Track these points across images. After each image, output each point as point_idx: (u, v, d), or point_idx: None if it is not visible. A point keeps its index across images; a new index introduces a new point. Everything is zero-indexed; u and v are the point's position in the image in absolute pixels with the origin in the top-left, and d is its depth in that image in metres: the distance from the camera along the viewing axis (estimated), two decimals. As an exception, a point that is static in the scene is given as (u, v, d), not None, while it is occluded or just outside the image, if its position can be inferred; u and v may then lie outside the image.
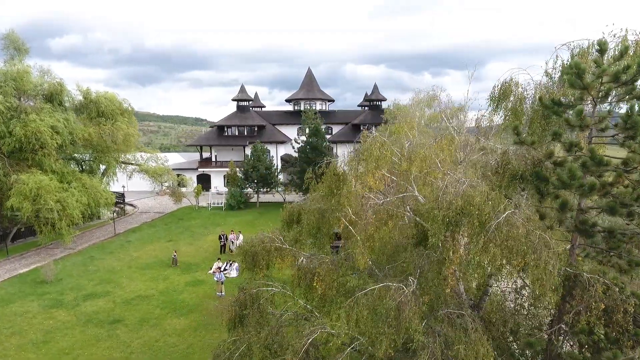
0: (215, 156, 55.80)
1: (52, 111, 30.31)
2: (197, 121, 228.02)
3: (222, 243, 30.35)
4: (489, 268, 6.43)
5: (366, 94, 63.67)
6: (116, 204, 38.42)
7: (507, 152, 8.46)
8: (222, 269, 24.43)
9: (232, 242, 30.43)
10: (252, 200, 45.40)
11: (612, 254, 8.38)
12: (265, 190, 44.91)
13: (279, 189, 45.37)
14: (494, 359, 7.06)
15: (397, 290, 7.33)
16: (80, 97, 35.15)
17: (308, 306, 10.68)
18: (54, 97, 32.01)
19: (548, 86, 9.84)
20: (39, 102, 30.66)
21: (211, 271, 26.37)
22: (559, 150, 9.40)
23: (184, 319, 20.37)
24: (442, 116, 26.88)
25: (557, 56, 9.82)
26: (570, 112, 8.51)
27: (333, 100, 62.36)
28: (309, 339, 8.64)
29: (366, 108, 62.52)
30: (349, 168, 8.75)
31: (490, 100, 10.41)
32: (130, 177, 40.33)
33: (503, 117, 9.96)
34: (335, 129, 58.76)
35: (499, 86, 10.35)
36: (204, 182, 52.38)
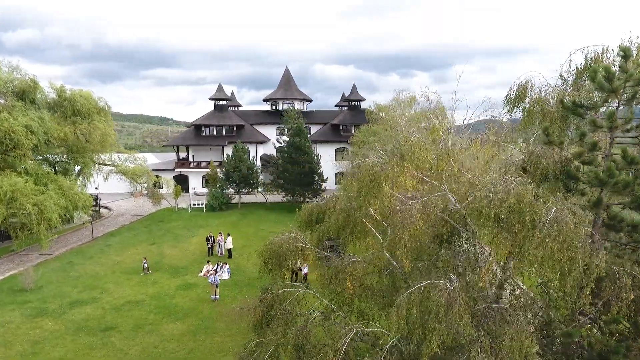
0: (193, 156, 54.59)
1: (24, 109, 28.70)
2: (163, 120, 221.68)
3: (209, 245, 29.77)
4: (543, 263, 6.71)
5: (343, 95, 64.18)
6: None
7: (535, 152, 8.86)
8: (216, 272, 23.92)
9: (220, 244, 29.88)
10: (234, 201, 44.74)
11: (628, 247, 8.95)
12: (246, 190, 44.38)
13: (261, 190, 44.94)
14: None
15: (445, 287, 7.52)
16: (54, 95, 33.50)
17: (332, 306, 10.70)
18: (26, 94, 30.34)
19: (562, 89, 10.33)
20: (10, 100, 28.94)
21: (201, 274, 25.84)
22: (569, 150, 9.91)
23: (180, 323, 19.84)
24: (430, 116, 27.52)
25: (570, 60, 10.33)
26: (590, 113, 9.00)
27: (311, 100, 62.39)
28: (347, 339, 8.69)
29: (344, 108, 63.01)
30: (388, 168, 8.83)
31: (507, 101, 10.81)
32: (106, 178, 38.76)
33: (522, 118, 10.38)
34: (314, 128, 58.77)
35: (515, 88, 10.75)
36: (181, 183, 51.04)
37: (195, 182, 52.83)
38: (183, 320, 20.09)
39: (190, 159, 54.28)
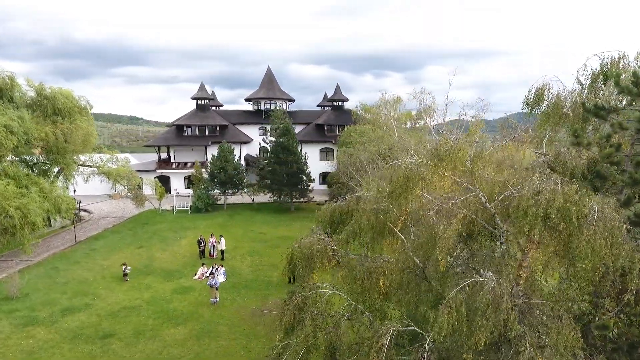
0: (174, 157, 53.39)
1: (3, 109, 27.29)
2: (133, 120, 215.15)
3: (201, 248, 29.21)
4: (592, 260, 7.00)
5: (326, 95, 64.33)
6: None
7: (562, 153, 9.22)
8: (214, 274, 23.48)
9: (213, 246, 29.38)
10: (219, 202, 44.08)
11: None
12: (232, 191, 43.82)
13: (247, 190, 44.45)
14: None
15: (490, 284, 7.72)
16: (32, 94, 32.00)
17: (359, 306, 10.75)
18: (3, 92, 28.81)
19: (579, 92, 10.78)
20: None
21: (196, 277, 25.35)
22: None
23: (182, 328, 19.41)
24: (422, 116, 28.02)
25: (585, 65, 10.79)
26: (611, 116, 9.46)
27: (294, 100, 62.15)
28: (387, 337, 8.78)
29: (326, 108, 63.16)
30: (421, 170, 8.94)
31: (526, 104, 11.19)
32: (87, 180, 37.34)
33: (540, 120, 10.77)
34: (297, 128, 58.47)
35: (534, 91, 11.14)
36: (163, 184, 49.75)
37: (178, 183, 51.71)
38: (184, 325, 19.66)
39: (172, 160, 53.04)
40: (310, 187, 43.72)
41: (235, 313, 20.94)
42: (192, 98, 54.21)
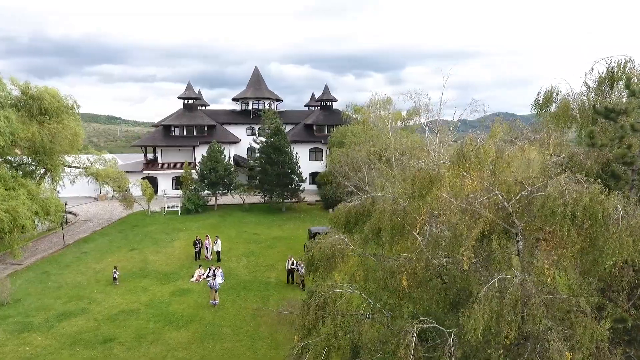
0: (161, 157, 52.53)
1: (-13, 108, 26.38)
2: (110, 119, 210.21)
3: (197, 249, 28.88)
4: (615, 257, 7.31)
5: (313, 95, 64.44)
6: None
7: (578, 153, 9.58)
8: (215, 276, 23.24)
9: (207, 248, 29.10)
10: (210, 203, 43.61)
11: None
12: (222, 192, 43.44)
13: (238, 191, 44.11)
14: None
15: (517, 281, 7.98)
16: (17, 93, 30.98)
17: (377, 305, 10.89)
18: (-13, 91, 27.85)
19: (586, 94, 11.21)
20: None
21: (193, 279, 25.07)
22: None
23: (184, 331, 19.19)
24: (418, 114, 28.35)
25: (592, 69, 11.22)
26: (621, 117, 9.89)
27: (281, 100, 62.06)
28: (413, 334, 8.95)
29: (314, 108, 63.25)
30: (444, 170, 9.14)
31: (535, 106, 11.55)
32: (74, 181, 36.39)
33: (553, 122, 11.16)
34: (286, 128, 58.33)
35: (543, 94, 11.51)
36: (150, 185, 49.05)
37: (165, 184, 50.92)
38: (186, 328, 19.44)
39: (159, 160, 52.17)
40: (301, 188, 43.72)
41: (237, 314, 20.82)
42: (180, 97, 53.49)
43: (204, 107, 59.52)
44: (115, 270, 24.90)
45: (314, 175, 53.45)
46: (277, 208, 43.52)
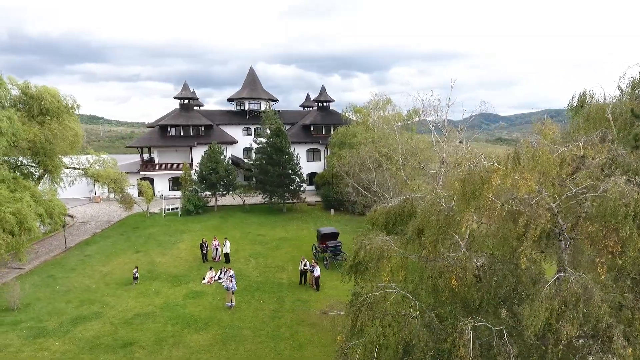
0: (157, 158, 51.85)
1: (-11, 108, 25.68)
2: (93, 119, 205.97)
3: (203, 252, 28.62)
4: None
5: (308, 95, 64.52)
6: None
7: (622, 155, 9.93)
8: (232, 278, 23.02)
9: (216, 249, 28.88)
10: (210, 204, 43.26)
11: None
12: (222, 193, 43.13)
13: (238, 192, 43.86)
14: None
15: (576, 280, 8.26)
16: (16, 92, 30.22)
17: (420, 304, 11.05)
18: (-12, 90, 27.08)
19: (620, 98, 11.61)
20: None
21: (205, 281, 24.88)
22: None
23: (204, 333, 19.04)
24: (425, 113, 28.67)
25: (624, 73, 11.63)
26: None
27: (277, 100, 61.90)
28: (468, 332, 9.15)
29: (309, 109, 63.31)
30: (495, 173, 9.33)
31: (569, 109, 11.91)
32: (73, 183, 35.63)
33: (588, 125, 11.52)
34: (283, 129, 58.45)
35: (577, 98, 11.88)
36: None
37: (162, 185, 50.31)
38: (206, 330, 19.30)
39: (156, 161, 51.48)
40: (302, 188, 43.72)
41: (255, 316, 20.76)
42: (176, 97, 52.92)
43: (198, 107, 58.97)
44: (136, 269, 25.06)
45: (311, 176, 53.53)
46: (278, 209, 43.43)
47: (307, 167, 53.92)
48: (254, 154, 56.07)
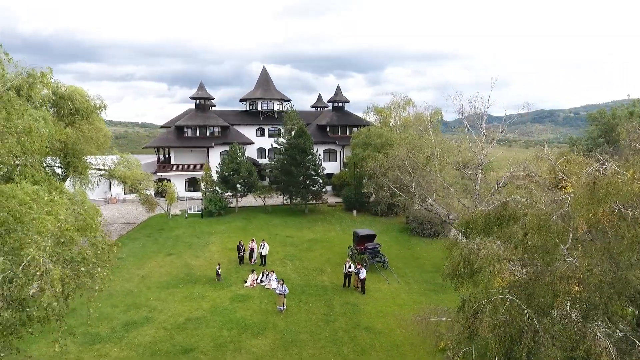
0: (173, 159, 51.29)
1: (26, 109, 25.05)
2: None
3: (240, 254, 28.26)
4: None
5: (320, 96, 64.32)
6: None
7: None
8: (282, 281, 22.67)
9: (253, 252, 28.50)
10: (231, 205, 42.86)
11: None
12: (243, 194, 42.75)
13: (259, 192, 43.49)
14: None
15: None
16: (46, 91, 29.59)
17: (527, 310, 10.87)
18: (22, 90, 26.46)
19: None
20: (6, 96, 25.09)
21: (247, 284, 24.54)
22: None
23: (262, 338, 18.72)
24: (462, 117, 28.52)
25: None
26: None
27: (290, 100, 61.57)
28: (600, 336, 9.02)
29: (321, 109, 63.13)
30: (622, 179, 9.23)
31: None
32: (98, 184, 35.04)
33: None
34: (296, 130, 58.16)
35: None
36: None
37: (179, 186, 49.66)
38: (263, 335, 18.98)
39: (173, 162, 50.93)
40: (324, 189, 43.47)
41: (308, 320, 20.49)
42: (192, 98, 52.41)
43: (210, 108, 58.49)
44: (218, 266, 25.51)
45: (328, 177, 53.31)
46: (300, 210, 43.14)
47: (325, 167, 53.75)
48: (267, 154, 55.81)
